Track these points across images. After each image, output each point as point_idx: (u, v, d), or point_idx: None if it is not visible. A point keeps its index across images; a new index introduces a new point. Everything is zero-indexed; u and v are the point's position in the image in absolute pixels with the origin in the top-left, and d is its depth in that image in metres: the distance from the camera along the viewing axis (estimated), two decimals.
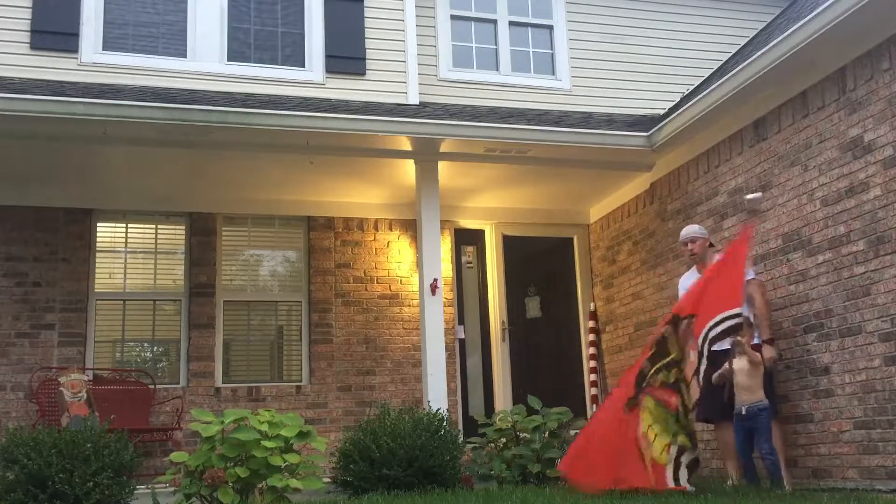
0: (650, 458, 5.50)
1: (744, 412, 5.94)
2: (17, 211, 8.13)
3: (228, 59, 8.43)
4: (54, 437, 5.35)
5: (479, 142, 7.65)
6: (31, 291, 8.06)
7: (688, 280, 6.80)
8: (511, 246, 9.55)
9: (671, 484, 5.44)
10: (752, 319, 6.29)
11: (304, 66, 8.60)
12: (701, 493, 5.26)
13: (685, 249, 6.78)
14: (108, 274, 8.52)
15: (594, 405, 8.31)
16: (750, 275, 6.45)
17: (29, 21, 7.84)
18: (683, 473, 5.51)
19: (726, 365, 5.94)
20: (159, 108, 6.87)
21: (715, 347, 5.95)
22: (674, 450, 5.54)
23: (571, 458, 5.76)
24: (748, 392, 5.93)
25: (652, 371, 5.66)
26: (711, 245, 6.87)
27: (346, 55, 8.64)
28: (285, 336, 9.05)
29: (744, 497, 5.14)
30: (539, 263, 9.75)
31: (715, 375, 6.00)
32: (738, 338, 5.81)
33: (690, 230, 6.81)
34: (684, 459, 5.55)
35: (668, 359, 5.69)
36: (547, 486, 6.08)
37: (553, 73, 9.68)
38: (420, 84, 8.78)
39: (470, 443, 7.08)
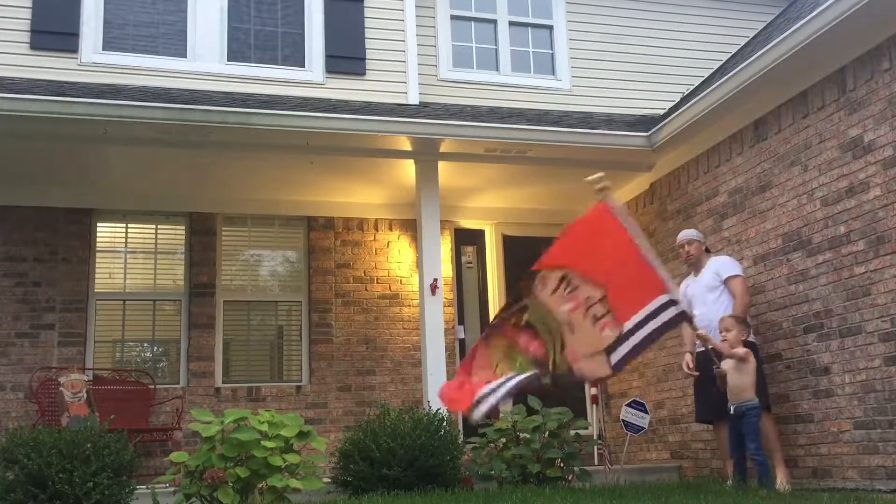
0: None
1: (732, 411, 5.98)
2: (17, 211, 8.13)
3: (228, 59, 8.43)
4: (54, 437, 5.35)
5: (479, 142, 7.65)
6: (31, 291, 8.05)
7: (685, 284, 6.83)
8: (511, 246, 9.54)
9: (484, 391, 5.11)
10: (746, 318, 6.32)
11: (304, 66, 8.60)
12: (701, 493, 5.27)
13: (682, 252, 6.86)
14: (108, 274, 8.52)
15: (594, 405, 8.31)
16: (736, 271, 6.51)
17: (29, 21, 7.84)
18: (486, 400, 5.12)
19: (721, 367, 5.96)
20: (159, 108, 6.87)
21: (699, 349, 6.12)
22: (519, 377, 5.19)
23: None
24: (736, 391, 5.97)
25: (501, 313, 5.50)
26: (707, 250, 6.93)
27: (346, 55, 8.64)
28: (285, 336, 9.05)
29: (744, 497, 5.14)
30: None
31: (717, 384, 6.03)
32: (710, 345, 5.87)
33: (687, 233, 6.90)
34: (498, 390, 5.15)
35: (517, 305, 5.47)
36: (547, 486, 6.08)
37: (553, 73, 9.68)
38: (420, 84, 8.78)
39: (470, 443, 7.07)
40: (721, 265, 6.67)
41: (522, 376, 5.21)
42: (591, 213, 5.78)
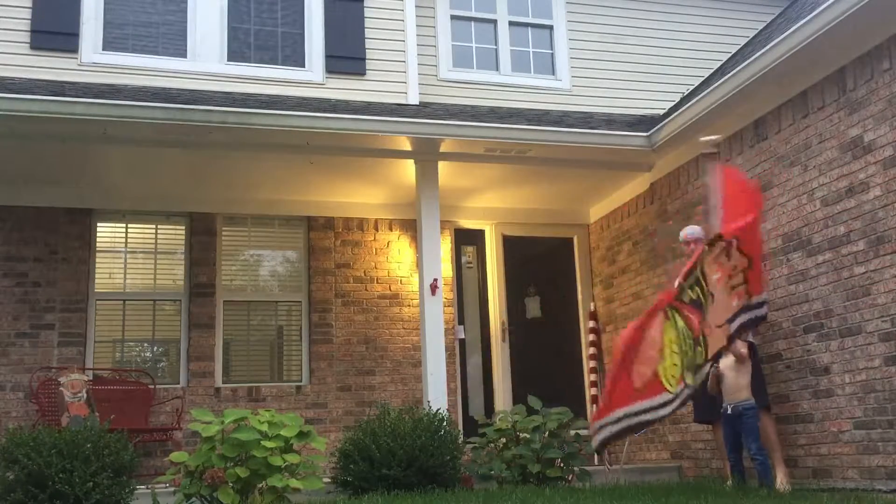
0: (655, 370, 5.29)
1: (729, 411, 5.98)
2: (17, 211, 8.13)
3: (228, 60, 8.43)
4: (54, 437, 5.36)
5: (479, 142, 7.65)
6: (31, 291, 8.05)
7: None
8: (511, 246, 9.54)
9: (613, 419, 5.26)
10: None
11: (304, 66, 8.60)
12: (701, 493, 5.27)
13: (686, 249, 6.82)
14: (108, 274, 8.51)
15: (594, 405, 8.31)
16: None
17: (29, 21, 7.84)
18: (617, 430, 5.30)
19: (715, 367, 5.96)
20: (159, 108, 6.87)
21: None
22: (680, 387, 5.32)
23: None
24: (734, 391, 5.96)
25: (686, 286, 5.47)
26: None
27: (346, 55, 8.64)
28: (285, 336, 9.05)
29: (744, 497, 5.14)
30: (539, 263, 9.74)
31: (709, 384, 6.02)
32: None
33: (692, 230, 6.84)
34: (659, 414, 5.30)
35: (693, 274, 5.52)
36: (547, 486, 6.08)
37: (553, 73, 9.68)
38: (420, 84, 8.78)
39: (470, 443, 7.08)
40: None
41: (648, 415, 5.29)
42: (721, 176, 5.81)
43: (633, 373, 5.30)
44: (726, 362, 5.99)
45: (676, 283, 5.53)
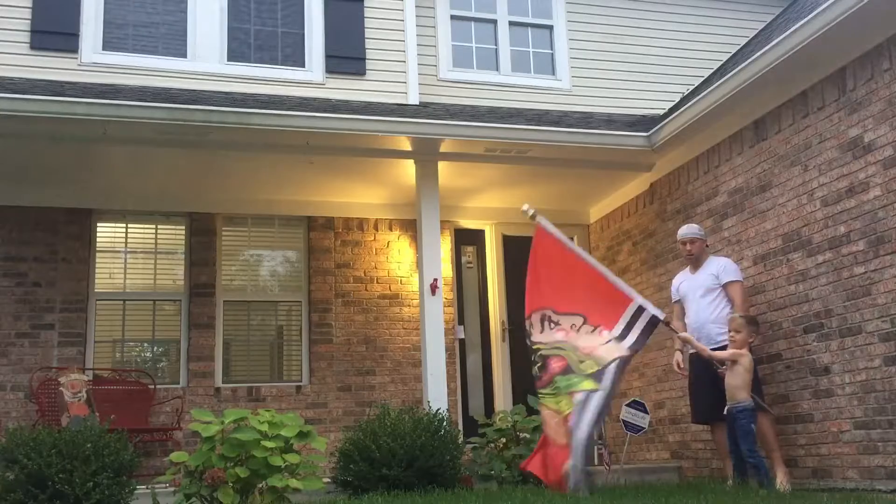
0: (561, 418, 5.68)
1: (725, 412, 6.04)
2: (17, 211, 8.13)
3: (228, 59, 8.43)
4: (54, 437, 5.35)
5: (479, 142, 7.65)
6: (31, 291, 8.05)
7: (680, 280, 6.87)
8: (511, 246, 9.53)
9: (571, 460, 5.52)
10: (755, 319, 6.33)
11: (304, 67, 8.60)
12: (701, 493, 5.27)
13: (683, 248, 6.84)
14: (108, 274, 8.52)
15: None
16: (737, 276, 6.49)
17: (29, 21, 7.84)
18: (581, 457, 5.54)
19: (720, 369, 6.03)
20: (159, 108, 6.87)
21: (707, 346, 6.31)
22: (580, 395, 5.66)
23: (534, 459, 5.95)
24: (730, 392, 6.01)
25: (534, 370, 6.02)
26: (707, 246, 6.94)
27: (346, 55, 8.64)
28: (285, 336, 9.05)
29: (744, 497, 5.14)
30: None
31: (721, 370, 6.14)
32: (692, 349, 6.14)
33: (690, 230, 6.86)
34: (586, 420, 5.61)
35: (533, 355, 6.04)
36: (546, 486, 6.07)
37: (553, 73, 9.68)
38: (420, 84, 8.78)
39: (470, 443, 7.08)
40: (722, 268, 6.63)
41: (578, 415, 5.64)
42: (535, 242, 6.31)
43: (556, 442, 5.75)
44: (729, 369, 6.05)
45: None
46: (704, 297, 6.59)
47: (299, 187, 8.59)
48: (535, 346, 6.08)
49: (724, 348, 6.27)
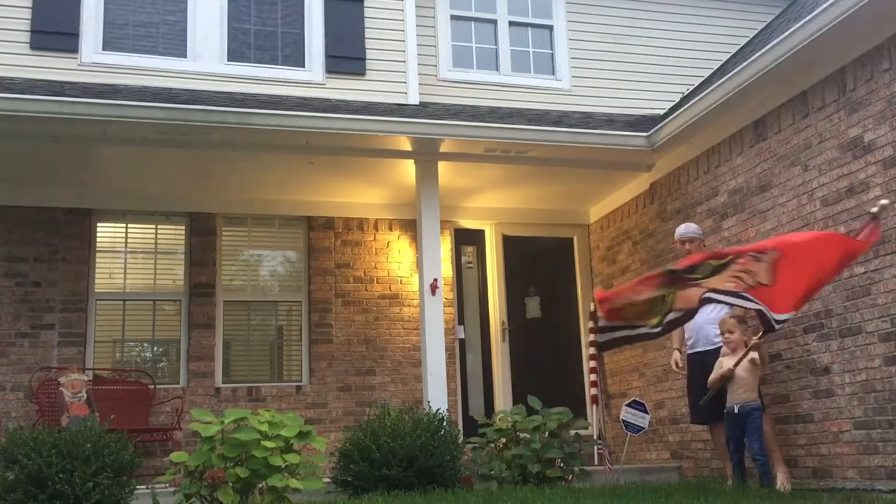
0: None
1: (736, 411, 5.96)
2: (17, 211, 8.13)
3: (228, 59, 8.43)
4: (54, 437, 5.35)
5: (479, 142, 7.65)
6: (31, 291, 8.05)
7: None
8: (511, 246, 9.54)
9: None
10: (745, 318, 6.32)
11: (304, 66, 8.60)
12: (701, 493, 5.27)
13: (681, 248, 6.85)
14: (108, 274, 8.51)
15: (594, 405, 8.30)
16: None
17: (29, 21, 7.84)
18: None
19: (729, 366, 5.97)
20: (159, 108, 6.87)
21: (705, 347, 6.37)
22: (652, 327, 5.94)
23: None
24: (744, 390, 5.95)
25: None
26: (704, 246, 6.93)
27: (346, 55, 8.64)
28: (285, 336, 9.05)
29: (744, 497, 5.14)
30: (539, 263, 9.74)
31: (711, 379, 6.06)
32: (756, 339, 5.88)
33: (688, 230, 6.88)
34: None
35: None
36: (547, 486, 6.08)
37: (553, 73, 9.68)
38: (420, 84, 8.77)
39: (470, 443, 7.08)
40: None
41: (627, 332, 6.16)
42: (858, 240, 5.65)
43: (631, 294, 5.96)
44: (743, 363, 5.97)
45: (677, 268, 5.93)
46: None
47: (299, 187, 8.59)
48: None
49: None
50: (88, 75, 7.89)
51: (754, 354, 5.90)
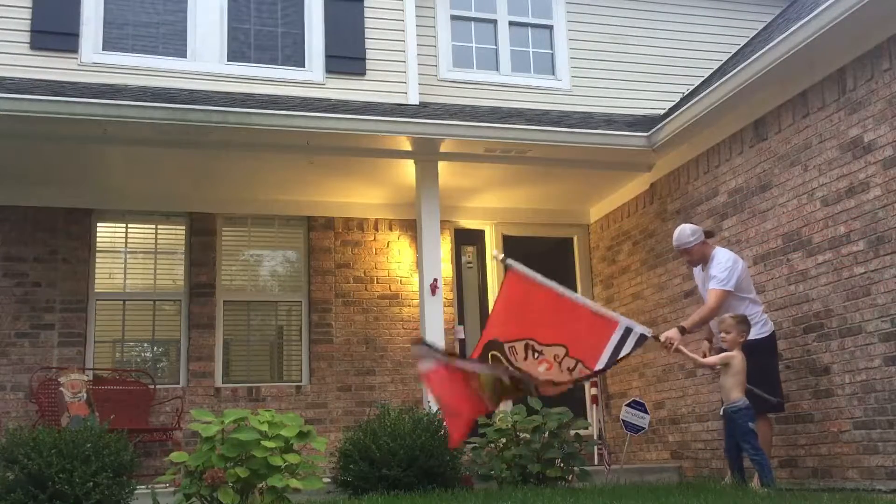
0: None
1: (721, 413, 5.96)
2: (17, 211, 8.13)
3: (228, 59, 8.43)
4: (54, 437, 5.35)
5: (479, 142, 7.65)
6: (31, 291, 8.05)
7: (696, 272, 6.62)
8: (511, 246, 9.51)
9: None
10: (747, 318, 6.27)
11: (304, 66, 8.60)
12: (701, 493, 5.26)
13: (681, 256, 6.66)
14: (108, 274, 8.52)
15: (594, 405, 8.31)
16: (718, 284, 6.14)
17: (29, 21, 7.84)
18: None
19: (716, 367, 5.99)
20: (159, 108, 6.88)
21: (749, 338, 5.95)
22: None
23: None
24: (724, 393, 5.90)
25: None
26: (709, 236, 6.49)
27: (346, 55, 8.64)
28: (285, 336, 9.05)
29: (744, 497, 5.13)
30: (539, 263, 9.55)
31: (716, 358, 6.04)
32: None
33: (679, 240, 6.43)
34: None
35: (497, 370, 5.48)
36: (547, 486, 6.08)
37: (553, 73, 9.68)
38: (420, 84, 8.78)
39: (470, 443, 7.07)
40: (712, 267, 6.22)
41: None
42: (506, 286, 5.90)
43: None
44: (727, 368, 5.92)
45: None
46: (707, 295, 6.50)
47: (299, 187, 8.59)
48: (509, 367, 5.53)
49: (756, 339, 6.03)
50: (88, 75, 7.89)
51: (708, 361, 6.02)
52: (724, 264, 6.15)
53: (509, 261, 5.92)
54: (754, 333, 5.99)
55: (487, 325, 5.80)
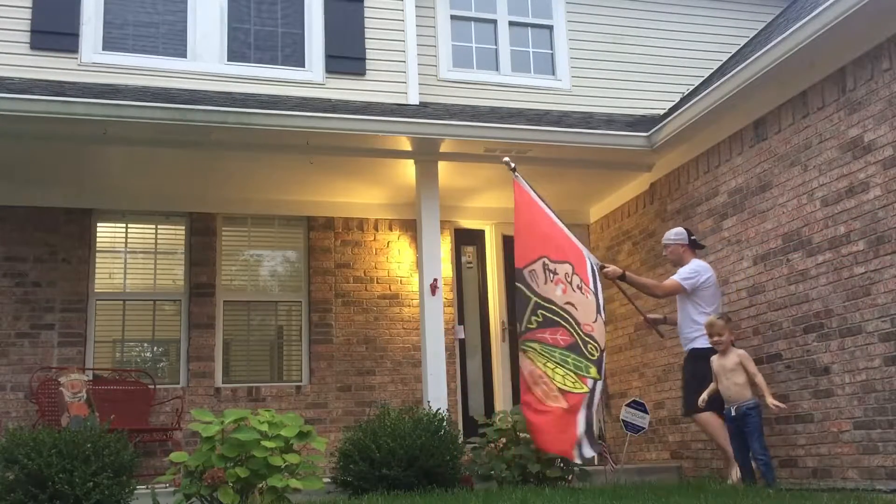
0: (555, 389, 6.07)
1: (733, 413, 6.00)
2: (17, 211, 8.13)
3: (228, 60, 8.43)
4: (54, 437, 5.35)
5: (479, 142, 7.65)
6: (31, 291, 8.05)
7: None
8: (511, 246, 9.42)
9: (580, 429, 6.02)
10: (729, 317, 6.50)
11: (304, 67, 8.61)
12: (701, 493, 5.27)
13: (666, 251, 7.23)
14: (108, 274, 8.52)
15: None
16: (677, 276, 6.88)
17: (29, 21, 7.85)
18: (589, 431, 6.06)
19: (713, 385, 6.16)
20: (159, 108, 6.87)
21: (696, 346, 6.58)
22: (589, 382, 6.09)
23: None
24: (737, 391, 5.98)
25: (524, 322, 6.35)
26: (700, 247, 7.10)
27: (346, 55, 8.64)
28: (285, 336, 9.05)
29: (744, 497, 5.14)
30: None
31: (702, 400, 6.25)
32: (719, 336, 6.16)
33: (665, 236, 7.21)
34: (594, 408, 6.11)
35: (529, 305, 6.33)
36: (547, 486, 6.08)
37: (553, 73, 9.68)
38: (420, 84, 8.78)
39: (470, 443, 7.08)
40: (681, 269, 6.92)
41: (589, 401, 6.13)
42: (517, 196, 6.76)
43: (544, 403, 6.18)
44: (725, 362, 6.09)
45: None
46: (680, 300, 6.90)
47: (299, 187, 8.59)
48: (535, 300, 6.33)
49: (701, 349, 6.47)
50: (88, 75, 7.89)
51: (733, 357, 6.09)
52: (692, 267, 6.84)
53: (517, 173, 6.77)
54: (702, 343, 6.51)
55: (516, 252, 6.63)
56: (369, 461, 5.96)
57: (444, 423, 6.45)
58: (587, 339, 6.21)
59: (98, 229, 8.51)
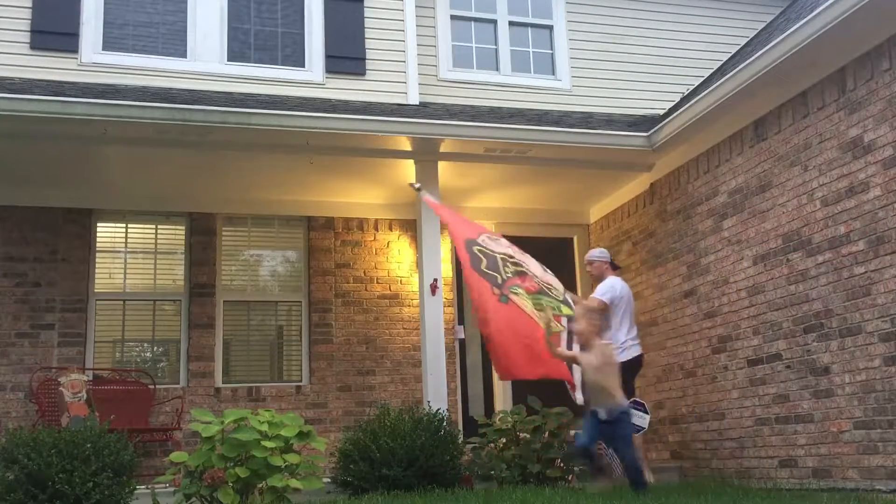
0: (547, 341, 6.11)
1: (604, 416, 5.44)
2: (17, 211, 8.13)
3: (228, 60, 8.43)
4: (54, 437, 5.35)
5: (479, 142, 7.65)
6: (31, 291, 8.05)
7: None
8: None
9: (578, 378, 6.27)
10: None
11: (304, 67, 8.60)
12: (701, 493, 5.26)
13: (590, 268, 7.63)
14: (108, 274, 8.52)
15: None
16: (597, 294, 7.29)
17: (29, 21, 7.85)
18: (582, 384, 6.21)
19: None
20: (159, 108, 6.87)
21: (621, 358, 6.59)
22: (563, 321, 6.33)
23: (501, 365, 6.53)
24: (603, 392, 5.48)
25: (501, 273, 6.64)
26: (615, 267, 7.60)
27: (346, 55, 8.64)
28: (285, 336, 9.05)
29: (744, 497, 5.14)
30: (539, 263, 9.71)
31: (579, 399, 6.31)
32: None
33: (591, 253, 7.69)
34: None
35: (497, 261, 6.67)
36: (547, 486, 6.08)
37: (553, 73, 9.68)
38: (420, 84, 8.78)
39: (470, 443, 7.08)
40: (598, 287, 7.37)
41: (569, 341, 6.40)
42: (432, 207, 7.16)
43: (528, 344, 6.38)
44: (591, 360, 5.62)
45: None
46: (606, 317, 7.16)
47: (299, 187, 8.59)
48: (500, 255, 6.70)
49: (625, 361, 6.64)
50: (88, 75, 7.89)
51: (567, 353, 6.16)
52: (607, 284, 7.32)
53: (423, 192, 7.19)
54: (624, 356, 6.82)
55: (453, 237, 6.96)
56: (369, 461, 5.96)
57: (444, 423, 6.45)
58: (547, 286, 6.62)
59: (98, 229, 8.51)
